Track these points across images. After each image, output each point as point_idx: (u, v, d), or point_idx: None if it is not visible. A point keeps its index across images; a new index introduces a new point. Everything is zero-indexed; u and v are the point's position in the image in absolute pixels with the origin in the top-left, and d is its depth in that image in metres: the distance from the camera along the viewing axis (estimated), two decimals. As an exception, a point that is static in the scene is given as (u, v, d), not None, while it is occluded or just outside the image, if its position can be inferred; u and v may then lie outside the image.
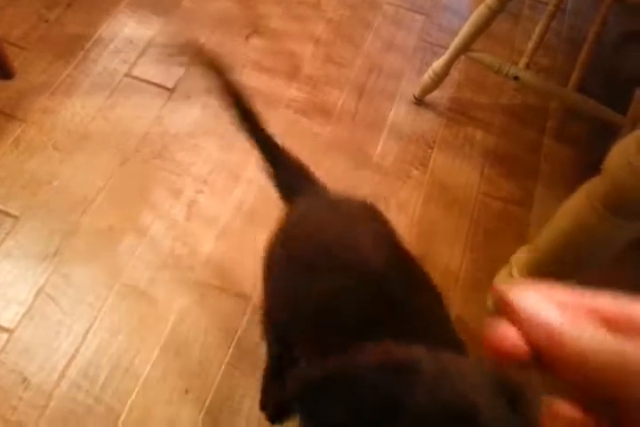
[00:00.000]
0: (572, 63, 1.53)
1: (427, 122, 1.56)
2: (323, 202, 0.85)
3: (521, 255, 1.10)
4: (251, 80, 1.57)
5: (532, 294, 0.22)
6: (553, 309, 0.21)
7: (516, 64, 1.39)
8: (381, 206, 1.35)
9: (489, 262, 1.26)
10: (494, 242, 1.32)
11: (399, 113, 1.57)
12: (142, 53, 1.56)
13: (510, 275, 1.10)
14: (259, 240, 1.27)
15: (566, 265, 0.96)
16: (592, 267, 0.94)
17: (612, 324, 0.21)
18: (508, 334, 0.22)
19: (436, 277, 0.89)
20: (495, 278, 1.18)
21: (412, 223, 1.35)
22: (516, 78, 1.34)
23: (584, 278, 0.86)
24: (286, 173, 0.89)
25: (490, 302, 1.20)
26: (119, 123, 1.42)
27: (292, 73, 1.62)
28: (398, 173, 1.44)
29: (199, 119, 1.47)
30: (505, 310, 0.23)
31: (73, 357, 1.08)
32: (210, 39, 1.63)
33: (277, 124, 1.48)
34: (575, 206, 0.90)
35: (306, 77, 1.62)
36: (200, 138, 1.44)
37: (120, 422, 1.03)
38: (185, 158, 1.40)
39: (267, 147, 0.88)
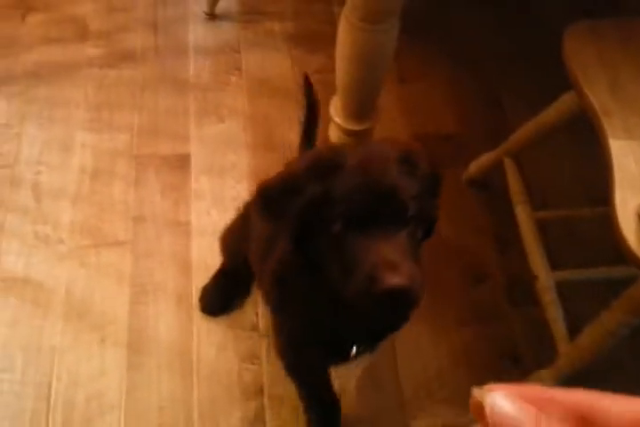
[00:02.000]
0: None
1: (226, 31, 1.58)
2: None
3: (335, 104, 1.16)
4: (44, 55, 1.54)
5: (504, 400, 0.22)
6: (527, 415, 0.21)
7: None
8: (214, 117, 1.39)
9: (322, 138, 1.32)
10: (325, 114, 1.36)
11: (197, 32, 1.58)
12: None
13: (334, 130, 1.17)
14: (115, 192, 1.30)
15: (363, 86, 1.03)
16: (379, 78, 1.01)
17: (588, 422, 0.21)
18: None
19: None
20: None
21: (247, 121, 1.39)
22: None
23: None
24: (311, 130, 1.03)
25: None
26: None
27: (82, 34, 1.59)
28: (218, 84, 1.46)
29: (9, 109, 1.44)
30: (480, 416, 0.22)
31: (-18, 358, 1.09)
32: (-18, 31, 1.57)
33: (88, 84, 1.47)
34: (342, 32, 0.96)
35: (96, 33, 1.59)
36: (17, 126, 1.41)
37: (53, 393, 1.05)
38: (12, 149, 1.37)
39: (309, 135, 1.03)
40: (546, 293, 0.97)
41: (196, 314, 1.14)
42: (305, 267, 0.62)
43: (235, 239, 1.02)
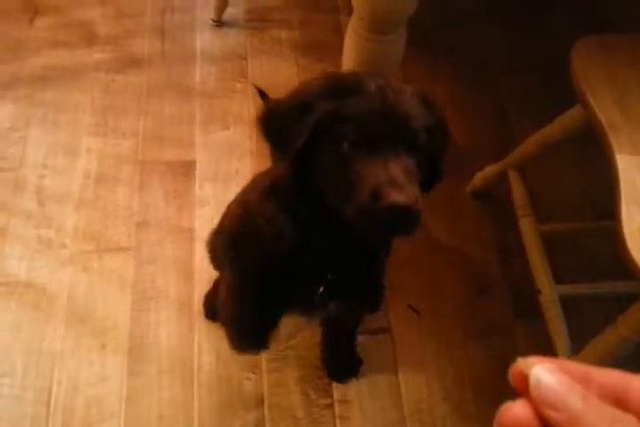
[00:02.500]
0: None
1: (232, 38, 1.58)
2: None
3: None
4: (51, 59, 1.54)
5: (549, 375, 0.22)
6: (573, 391, 0.21)
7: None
8: (220, 124, 1.39)
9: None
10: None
11: (204, 39, 1.58)
12: None
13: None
14: (119, 197, 1.30)
15: None
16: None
17: (622, 402, 0.21)
18: (522, 413, 0.22)
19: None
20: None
21: (252, 129, 1.38)
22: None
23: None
24: None
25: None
26: None
27: (89, 38, 1.60)
28: (224, 91, 1.47)
29: (15, 112, 1.44)
30: (522, 387, 0.22)
31: (-18, 362, 1.08)
32: (-10, 34, 1.58)
33: (94, 89, 1.47)
34: (348, 41, 0.96)
35: (104, 38, 1.60)
36: (23, 130, 1.41)
37: (53, 398, 1.05)
38: (16, 152, 1.37)
39: None
40: (549, 307, 0.97)
41: (198, 322, 1.14)
42: (299, 188, 0.62)
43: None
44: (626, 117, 0.79)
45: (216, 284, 1.14)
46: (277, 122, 0.61)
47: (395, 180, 0.52)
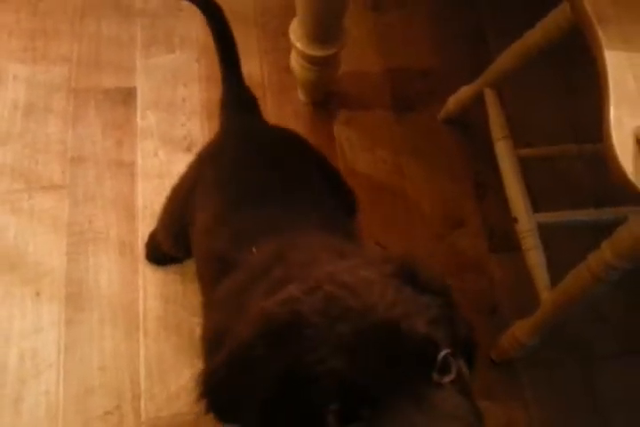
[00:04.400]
0: None
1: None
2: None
3: (295, 27, 1.02)
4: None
5: None
6: None
7: None
8: (164, 47, 1.23)
9: (283, 67, 1.18)
10: (284, 39, 1.22)
11: (145, -49, 1.39)
12: None
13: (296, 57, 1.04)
14: (50, 130, 1.16)
15: (326, 3, 0.90)
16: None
17: None
18: None
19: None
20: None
21: (201, 52, 1.23)
22: None
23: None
24: (237, 91, 0.88)
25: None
26: None
27: None
28: (168, 9, 1.30)
29: None
30: None
31: None
32: None
33: (21, 9, 1.30)
34: None
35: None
36: (-60, 56, 1.25)
37: (-17, 350, 0.95)
38: None
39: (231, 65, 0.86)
40: (526, 237, 0.87)
41: (143, 264, 1.03)
42: None
43: (177, 204, 0.83)
44: (618, 6, 0.66)
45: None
46: (222, 398, 0.42)
47: None
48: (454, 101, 1.15)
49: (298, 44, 1.03)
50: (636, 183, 0.56)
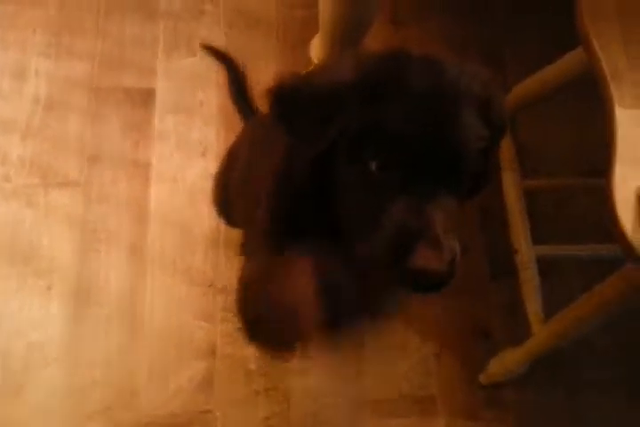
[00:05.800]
0: None
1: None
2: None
3: (316, 44, 1.04)
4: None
5: None
6: None
7: None
8: (185, 50, 1.25)
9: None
10: (303, 50, 1.23)
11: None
12: None
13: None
14: (70, 127, 1.18)
15: (350, 23, 0.92)
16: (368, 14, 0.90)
17: None
18: None
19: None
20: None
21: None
22: None
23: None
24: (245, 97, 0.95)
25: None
26: None
27: None
28: (191, 13, 1.31)
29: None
30: None
31: None
32: None
33: (49, 5, 1.31)
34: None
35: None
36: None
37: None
38: (-43, 73, 1.24)
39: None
40: (524, 268, 0.90)
41: (151, 267, 1.06)
42: (315, 199, 0.49)
43: (222, 176, 0.88)
44: (631, 64, 0.69)
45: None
46: (303, 105, 0.46)
47: (433, 235, 0.40)
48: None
49: (317, 62, 1.05)
50: (631, 239, 0.59)
